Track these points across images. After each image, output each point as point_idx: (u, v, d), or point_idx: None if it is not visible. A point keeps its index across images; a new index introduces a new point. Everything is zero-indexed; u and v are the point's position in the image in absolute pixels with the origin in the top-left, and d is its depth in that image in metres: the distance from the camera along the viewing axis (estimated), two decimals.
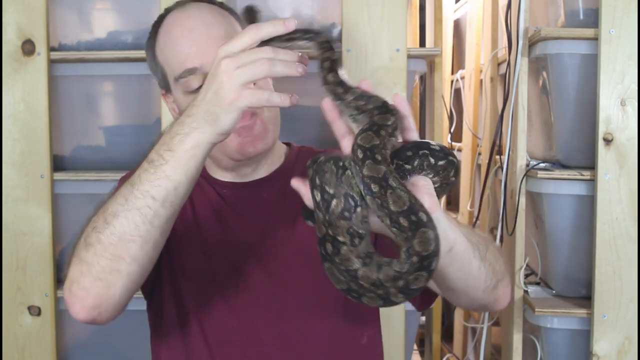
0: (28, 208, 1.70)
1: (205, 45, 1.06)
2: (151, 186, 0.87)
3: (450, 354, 2.55)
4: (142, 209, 0.87)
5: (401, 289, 0.75)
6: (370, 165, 0.76)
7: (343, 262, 0.77)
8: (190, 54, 1.06)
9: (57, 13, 1.73)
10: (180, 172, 0.86)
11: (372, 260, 0.77)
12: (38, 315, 1.71)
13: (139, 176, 0.88)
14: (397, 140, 0.81)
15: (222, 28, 1.08)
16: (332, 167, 0.80)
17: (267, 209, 1.14)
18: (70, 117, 1.78)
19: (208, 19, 1.09)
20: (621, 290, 1.61)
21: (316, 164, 0.81)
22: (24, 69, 1.68)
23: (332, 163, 0.80)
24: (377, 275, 0.76)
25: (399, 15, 1.63)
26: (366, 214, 0.79)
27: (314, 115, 1.74)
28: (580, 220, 1.68)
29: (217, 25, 1.08)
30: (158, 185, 0.86)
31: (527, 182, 1.73)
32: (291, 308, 1.10)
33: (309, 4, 1.72)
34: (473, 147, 2.54)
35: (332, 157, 0.81)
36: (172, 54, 1.10)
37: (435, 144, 0.83)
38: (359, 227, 0.79)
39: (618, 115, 1.61)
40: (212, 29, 1.08)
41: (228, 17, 1.12)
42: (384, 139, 0.78)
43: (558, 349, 1.74)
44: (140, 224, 0.87)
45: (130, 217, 0.87)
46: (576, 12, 1.68)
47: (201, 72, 1.06)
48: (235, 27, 1.12)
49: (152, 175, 0.87)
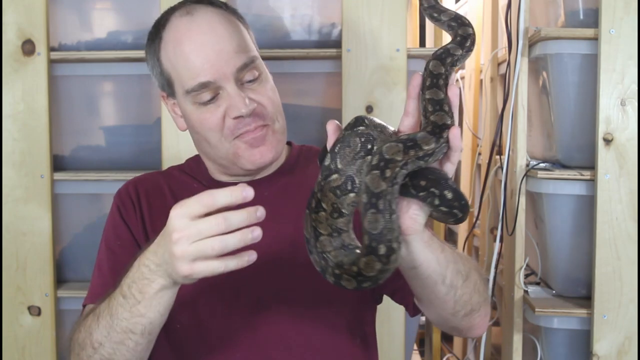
0: (28, 208, 1.70)
1: (218, 61, 1.07)
2: (128, 323, 0.94)
3: (450, 354, 2.55)
4: (124, 341, 0.95)
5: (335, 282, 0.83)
6: (374, 176, 0.78)
7: (316, 223, 0.84)
8: (204, 70, 1.07)
9: (57, 13, 1.73)
10: (153, 311, 0.93)
11: (339, 237, 0.82)
12: (38, 315, 1.71)
13: (117, 311, 0.94)
14: (426, 164, 0.80)
15: (233, 41, 1.09)
16: (358, 145, 0.82)
17: (268, 207, 1.14)
18: (70, 117, 1.78)
19: (219, 31, 1.09)
20: (621, 290, 1.61)
21: (350, 132, 0.83)
22: (24, 69, 1.68)
23: (360, 140, 0.82)
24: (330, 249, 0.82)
25: (399, 15, 1.64)
26: (356, 202, 0.82)
27: (314, 115, 1.74)
28: (580, 220, 1.68)
29: (227, 38, 1.09)
30: (135, 323, 0.94)
31: (527, 182, 1.73)
32: (292, 307, 1.10)
33: (309, 4, 1.73)
34: (473, 147, 2.54)
35: (366, 135, 0.82)
36: (183, 67, 1.09)
37: (452, 190, 0.81)
38: (344, 207, 0.83)
39: (618, 115, 1.61)
40: (224, 43, 1.08)
41: (235, 23, 1.13)
42: (407, 159, 0.78)
43: (558, 349, 1.74)
44: (125, 352, 0.96)
45: (115, 347, 0.96)
46: (576, 12, 1.68)
47: (214, 85, 1.07)
48: (243, 35, 1.12)
49: (127, 313, 0.93)
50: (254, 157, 1.10)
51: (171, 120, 1.64)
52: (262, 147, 1.10)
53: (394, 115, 1.63)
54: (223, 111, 1.08)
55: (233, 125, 1.09)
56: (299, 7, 1.72)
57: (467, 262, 0.98)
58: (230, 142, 1.10)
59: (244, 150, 1.09)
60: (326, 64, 1.69)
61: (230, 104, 1.08)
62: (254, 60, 1.11)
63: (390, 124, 0.87)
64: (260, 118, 1.10)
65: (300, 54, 1.66)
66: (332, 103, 1.71)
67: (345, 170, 0.82)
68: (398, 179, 0.79)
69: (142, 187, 1.18)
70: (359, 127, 0.83)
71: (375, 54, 1.63)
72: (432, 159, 0.80)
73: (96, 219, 1.79)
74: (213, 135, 1.10)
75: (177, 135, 1.65)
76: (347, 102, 1.64)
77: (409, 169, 0.79)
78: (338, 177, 0.82)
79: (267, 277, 1.10)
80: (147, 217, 1.15)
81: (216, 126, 1.09)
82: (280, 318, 1.10)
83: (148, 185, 1.19)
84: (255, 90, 1.10)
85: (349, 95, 1.64)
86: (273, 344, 1.09)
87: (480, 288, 1.00)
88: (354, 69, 1.63)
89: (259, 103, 1.10)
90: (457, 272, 0.94)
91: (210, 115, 1.09)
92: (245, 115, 1.08)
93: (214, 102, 1.09)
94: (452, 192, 0.81)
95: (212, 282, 1.11)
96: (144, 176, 1.23)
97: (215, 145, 1.11)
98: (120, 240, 1.14)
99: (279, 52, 1.67)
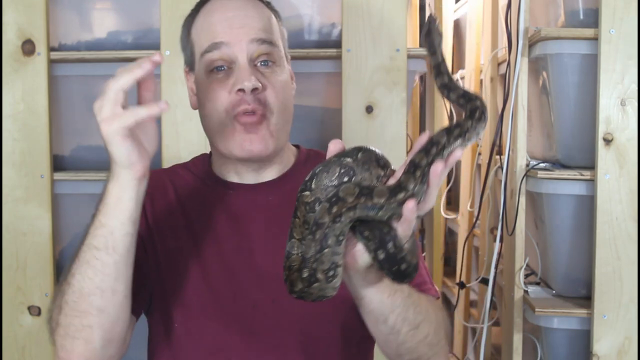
0: (28, 208, 1.70)
1: (238, 29, 1.10)
2: (92, 237, 0.94)
3: (450, 354, 2.55)
4: (90, 261, 0.93)
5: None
6: (323, 207, 0.83)
7: (292, 226, 0.91)
8: (222, 32, 1.10)
9: (57, 13, 1.73)
10: (112, 217, 0.93)
11: (306, 239, 0.87)
12: (38, 315, 1.71)
13: (83, 237, 0.95)
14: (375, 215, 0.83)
15: (259, 22, 1.12)
16: (335, 174, 0.86)
17: (272, 212, 1.14)
18: (70, 117, 1.78)
19: (249, 12, 1.12)
20: (621, 290, 1.61)
21: (336, 159, 0.87)
22: (24, 69, 1.68)
23: (339, 171, 0.86)
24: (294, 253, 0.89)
25: (399, 15, 1.63)
26: None
27: (314, 115, 1.74)
28: (580, 220, 1.68)
29: (255, 17, 1.12)
30: (96, 235, 0.93)
31: (527, 182, 1.73)
32: (290, 315, 1.09)
33: (309, 4, 1.72)
34: (473, 147, 2.54)
35: (347, 168, 0.86)
36: (205, 31, 1.13)
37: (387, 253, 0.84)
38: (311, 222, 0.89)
39: (618, 115, 1.61)
40: (249, 20, 1.11)
41: (267, 13, 1.16)
42: (356, 203, 0.82)
43: (558, 349, 1.74)
44: (92, 275, 0.93)
45: (83, 271, 0.94)
46: (576, 12, 1.68)
47: (226, 49, 1.09)
48: (271, 22, 1.15)
49: (91, 227, 0.94)
50: (243, 142, 1.09)
51: (171, 120, 1.65)
52: (254, 135, 1.09)
53: (393, 115, 1.63)
54: (230, 85, 1.09)
55: (235, 100, 1.09)
56: (299, 7, 1.72)
57: (422, 314, 1.00)
58: (230, 120, 1.09)
59: (238, 133, 1.09)
60: (326, 64, 1.69)
61: (237, 78, 1.09)
62: (272, 42, 1.12)
63: (389, 125, 0.88)
64: (261, 104, 1.09)
65: (300, 54, 1.66)
66: (332, 103, 1.71)
67: (315, 192, 0.87)
68: (342, 219, 0.82)
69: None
70: (346, 158, 0.87)
71: (375, 54, 1.63)
72: (382, 214, 0.82)
73: None
74: (219, 110, 1.10)
75: (177, 135, 1.65)
76: (347, 102, 1.64)
77: (356, 213, 0.82)
78: (309, 194, 0.88)
79: (265, 282, 1.09)
80: (149, 215, 1.14)
81: (221, 99, 1.09)
82: (279, 325, 1.09)
83: (151, 183, 1.18)
84: (265, 74, 1.11)
85: (349, 95, 1.64)
86: (272, 351, 1.09)
87: (433, 341, 1.02)
88: (354, 69, 1.63)
89: (264, 87, 1.10)
90: (404, 320, 0.96)
91: (219, 87, 1.10)
92: (246, 90, 1.07)
93: (224, 72, 1.10)
94: (386, 255, 0.84)
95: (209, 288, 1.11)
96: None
97: (218, 121, 1.11)
98: None
99: None
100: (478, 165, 2.47)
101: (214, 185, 1.17)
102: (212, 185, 1.17)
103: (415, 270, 0.87)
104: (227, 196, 1.16)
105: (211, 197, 1.16)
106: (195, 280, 1.11)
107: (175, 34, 1.65)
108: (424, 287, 1.13)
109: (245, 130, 1.09)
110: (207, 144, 1.19)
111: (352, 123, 1.64)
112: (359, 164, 0.86)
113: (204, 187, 1.17)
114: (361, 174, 0.86)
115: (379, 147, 1.69)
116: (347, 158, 0.87)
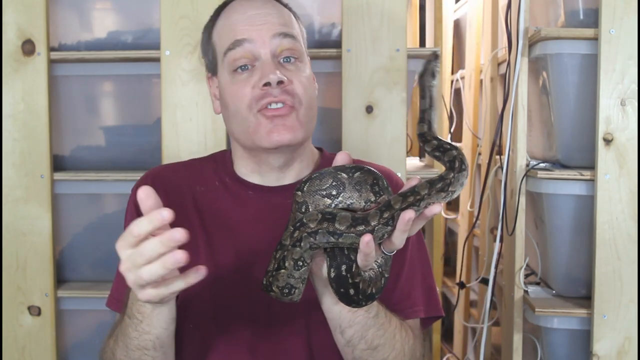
0: (28, 208, 1.70)
1: (260, 25, 1.10)
2: (139, 341, 0.98)
3: (450, 354, 2.55)
4: (141, 357, 1.00)
5: None
6: (289, 230, 0.88)
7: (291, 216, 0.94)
8: (242, 29, 1.10)
9: (57, 13, 1.73)
10: (156, 327, 0.96)
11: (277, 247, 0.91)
12: (38, 315, 1.71)
13: (127, 331, 0.99)
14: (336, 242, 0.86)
15: (279, 18, 1.12)
16: (326, 184, 0.89)
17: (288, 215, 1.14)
18: (70, 117, 1.78)
19: (269, 10, 1.12)
20: (621, 290, 1.61)
21: (332, 170, 0.90)
22: (24, 69, 1.68)
23: (330, 183, 0.89)
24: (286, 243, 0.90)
25: (399, 15, 1.63)
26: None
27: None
28: (580, 220, 1.68)
29: (275, 15, 1.12)
30: (143, 340, 0.98)
31: (527, 182, 1.73)
32: (300, 317, 1.09)
33: (309, 4, 1.72)
34: (473, 147, 2.54)
35: (338, 181, 0.89)
36: (227, 31, 1.12)
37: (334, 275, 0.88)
38: None
39: (618, 115, 1.61)
40: (269, 17, 1.11)
41: (287, 12, 1.16)
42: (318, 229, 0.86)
43: (558, 349, 1.74)
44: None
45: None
46: (576, 12, 1.68)
47: (249, 45, 1.09)
48: (291, 20, 1.15)
49: (135, 332, 0.98)
50: (271, 133, 1.07)
51: (171, 120, 1.65)
52: (282, 125, 1.07)
53: (393, 115, 1.63)
54: (254, 82, 1.08)
55: (260, 94, 1.07)
56: (299, 7, 1.72)
57: (384, 338, 1.01)
58: (254, 115, 1.08)
59: (264, 126, 1.07)
60: (326, 64, 1.69)
61: (262, 73, 1.08)
62: (294, 37, 1.12)
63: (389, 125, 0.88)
64: (289, 95, 1.08)
65: None
66: (332, 103, 1.71)
67: (305, 195, 0.90)
68: (302, 243, 0.86)
69: (159, 181, 1.15)
70: (342, 173, 0.89)
71: (375, 54, 1.63)
72: (342, 241, 0.85)
73: (96, 219, 1.79)
74: (242, 107, 1.09)
75: (177, 135, 1.65)
76: (347, 102, 1.64)
77: (317, 239, 0.86)
78: (300, 195, 0.91)
79: None
80: None
81: (245, 96, 1.08)
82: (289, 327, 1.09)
83: (166, 181, 1.17)
84: (289, 70, 1.10)
85: (349, 95, 1.64)
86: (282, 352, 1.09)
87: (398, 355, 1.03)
88: (354, 69, 1.63)
89: (290, 81, 1.09)
90: (362, 337, 0.99)
91: (243, 85, 1.09)
92: (272, 83, 1.06)
93: (248, 72, 1.09)
94: (336, 275, 0.88)
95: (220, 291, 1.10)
96: (161, 170, 1.21)
97: (242, 119, 1.10)
98: None
99: None
100: (478, 165, 2.47)
101: (233, 185, 1.16)
102: (231, 185, 1.16)
103: (368, 299, 0.90)
104: (246, 197, 1.14)
105: (229, 196, 1.15)
106: (208, 277, 1.11)
107: (175, 34, 1.66)
108: (408, 310, 1.13)
109: (272, 122, 1.08)
110: (207, 144, 1.19)
111: (352, 123, 1.64)
112: (353, 182, 0.89)
113: (222, 186, 1.16)
114: (350, 192, 0.89)
115: (379, 147, 1.69)
116: (343, 173, 0.89)
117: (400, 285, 1.12)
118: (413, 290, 1.14)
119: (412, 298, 1.13)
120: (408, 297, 1.13)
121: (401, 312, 1.10)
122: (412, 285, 1.14)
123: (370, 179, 0.89)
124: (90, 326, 1.80)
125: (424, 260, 1.18)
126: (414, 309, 1.13)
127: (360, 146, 1.63)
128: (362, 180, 0.89)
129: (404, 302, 1.12)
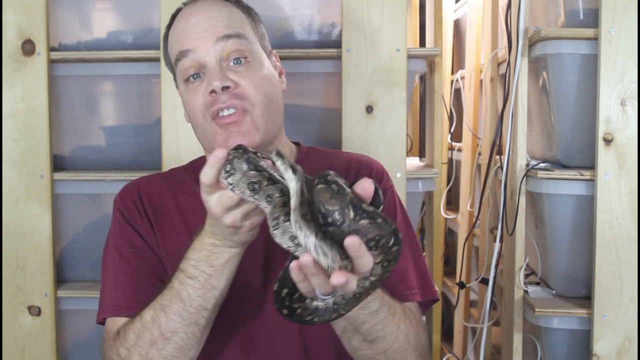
0: (28, 208, 1.70)
1: (202, 33, 1.09)
2: (202, 300, 0.97)
3: (450, 354, 2.55)
4: (198, 320, 0.98)
5: None
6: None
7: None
8: (186, 39, 1.10)
9: (57, 13, 1.73)
10: (223, 280, 0.97)
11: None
12: (38, 315, 1.71)
13: (187, 293, 0.97)
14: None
15: (223, 20, 1.11)
16: (332, 189, 0.80)
17: None
18: (70, 117, 1.78)
19: (212, 13, 1.11)
20: (621, 290, 1.61)
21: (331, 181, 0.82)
22: (24, 69, 1.68)
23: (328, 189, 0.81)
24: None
25: (399, 15, 1.63)
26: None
27: (314, 115, 1.74)
28: (580, 220, 1.68)
29: (218, 18, 1.11)
30: (208, 297, 0.97)
31: (527, 182, 1.73)
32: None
33: (309, 3, 1.72)
34: (473, 147, 2.54)
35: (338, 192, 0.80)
36: (174, 42, 1.14)
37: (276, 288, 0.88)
38: None
39: (618, 115, 1.61)
40: (212, 21, 1.10)
41: (234, 11, 1.14)
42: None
43: (558, 349, 1.74)
44: (197, 333, 0.99)
45: (190, 330, 0.99)
46: (576, 12, 1.68)
47: (193, 55, 1.09)
48: (238, 18, 1.13)
49: (200, 290, 0.97)
50: (227, 141, 1.07)
51: (171, 120, 1.65)
52: (237, 132, 1.08)
53: (393, 115, 1.63)
54: (203, 90, 1.09)
55: (209, 101, 1.08)
56: (299, 7, 1.72)
57: (383, 332, 1.00)
58: (210, 124, 1.09)
59: (219, 134, 1.08)
60: (326, 64, 1.69)
61: (208, 80, 1.08)
62: (239, 35, 1.10)
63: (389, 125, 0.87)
64: (239, 99, 1.08)
65: (300, 54, 1.66)
66: (332, 103, 1.71)
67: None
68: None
69: (143, 191, 1.17)
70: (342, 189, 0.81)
71: (375, 54, 1.63)
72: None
73: (96, 219, 1.79)
74: (198, 116, 1.10)
75: (177, 135, 1.65)
76: (347, 102, 1.64)
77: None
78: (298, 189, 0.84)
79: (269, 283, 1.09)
80: (154, 222, 1.14)
81: (198, 104, 1.09)
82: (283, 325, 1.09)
83: (150, 189, 1.17)
84: (239, 72, 1.09)
85: (349, 95, 1.64)
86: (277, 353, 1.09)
87: (396, 356, 1.02)
88: (354, 69, 1.63)
89: (239, 85, 1.08)
90: (356, 331, 0.98)
91: (195, 93, 1.10)
92: (217, 90, 1.06)
93: (200, 80, 1.10)
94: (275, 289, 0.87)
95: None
96: (142, 180, 1.22)
97: (200, 127, 1.11)
98: (133, 248, 1.13)
99: (278, 52, 1.66)
100: (478, 165, 2.47)
101: None
102: None
103: (303, 324, 0.88)
104: None
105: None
106: None
107: None
108: (406, 292, 1.12)
109: (226, 130, 1.08)
110: None
111: (352, 123, 1.64)
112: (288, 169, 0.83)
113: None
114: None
115: (379, 147, 1.69)
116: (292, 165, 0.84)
117: (394, 270, 1.12)
118: (408, 273, 1.13)
119: (409, 281, 1.13)
120: (404, 280, 1.12)
121: (398, 295, 1.09)
122: (405, 268, 1.13)
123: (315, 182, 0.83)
124: (90, 326, 1.80)
125: (414, 247, 1.18)
126: (411, 291, 1.13)
127: (360, 146, 1.63)
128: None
129: (400, 285, 1.11)
